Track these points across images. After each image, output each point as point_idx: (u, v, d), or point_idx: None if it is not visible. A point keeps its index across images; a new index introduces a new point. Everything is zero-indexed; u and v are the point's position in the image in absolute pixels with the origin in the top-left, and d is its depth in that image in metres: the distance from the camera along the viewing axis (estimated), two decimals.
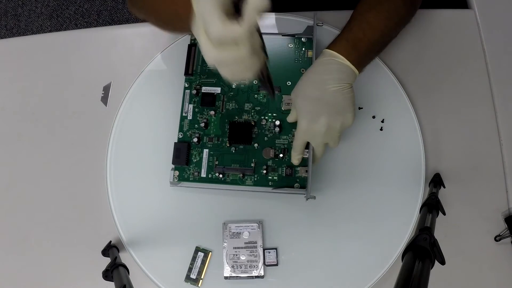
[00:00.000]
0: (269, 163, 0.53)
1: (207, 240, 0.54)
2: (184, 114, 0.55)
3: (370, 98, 0.57)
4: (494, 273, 0.52)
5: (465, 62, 0.59)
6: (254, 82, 0.56)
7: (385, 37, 0.50)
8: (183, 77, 0.57)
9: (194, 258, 0.53)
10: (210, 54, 0.33)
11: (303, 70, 0.55)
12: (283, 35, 0.57)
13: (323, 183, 0.54)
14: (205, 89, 0.56)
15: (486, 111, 0.57)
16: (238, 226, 0.53)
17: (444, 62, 0.59)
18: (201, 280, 0.52)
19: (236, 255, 0.52)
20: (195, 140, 0.54)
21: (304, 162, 0.52)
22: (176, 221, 0.55)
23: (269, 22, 0.60)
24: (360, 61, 0.47)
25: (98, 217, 0.56)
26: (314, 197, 0.50)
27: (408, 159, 0.55)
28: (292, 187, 0.52)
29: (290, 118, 0.52)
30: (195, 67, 0.57)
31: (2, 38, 1.40)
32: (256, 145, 0.53)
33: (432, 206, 0.44)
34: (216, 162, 0.53)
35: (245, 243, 0.52)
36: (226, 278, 0.52)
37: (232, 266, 0.52)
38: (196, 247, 0.53)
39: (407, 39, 0.60)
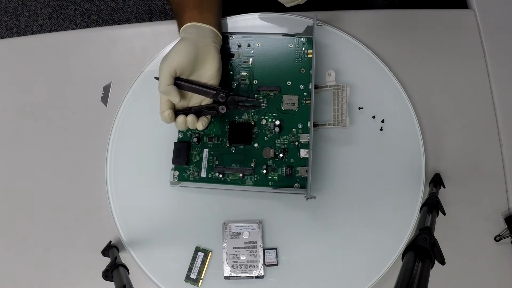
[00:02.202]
0: (269, 163, 0.53)
1: (207, 240, 0.54)
2: None
3: (370, 98, 0.57)
4: (494, 273, 0.52)
5: (465, 62, 0.59)
6: (254, 82, 0.56)
7: None
8: None
9: (194, 258, 0.53)
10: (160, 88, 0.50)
11: (303, 70, 0.55)
12: (283, 35, 0.57)
13: (323, 183, 0.54)
14: None
15: (486, 111, 0.57)
16: (238, 226, 0.53)
17: (444, 62, 0.59)
18: (201, 280, 0.52)
19: (236, 255, 0.52)
20: (195, 140, 0.54)
21: (304, 162, 0.52)
22: (176, 221, 0.55)
23: (269, 22, 0.60)
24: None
25: (98, 217, 0.56)
26: (314, 197, 0.50)
27: (408, 159, 0.55)
28: (292, 187, 0.52)
29: None
30: None
31: (2, 38, 1.40)
32: (256, 145, 0.53)
33: (432, 206, 0.44)
34: (216, 162, 0.53)
35: (245, 243, 0.52)
36: (226, 278, 0.52)
37: (232, 266, 0.52)
38: (196, 247, 0.53)
39: (407, 39, 0.60)
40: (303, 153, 0.52)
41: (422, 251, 0.35)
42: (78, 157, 0.59)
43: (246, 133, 0.53)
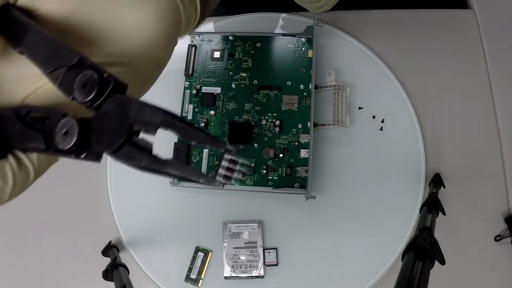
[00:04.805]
0: (269, 163, 0.53)
1: (207, 240, 0.54)
2: (184, 114, 0.55)
3: (370, 98, 0.57)
4: (494, 273, 0.52)
5: (465, 62, 0.59)
6: (254, 82, 0.55)
7: None
8: (183, 77, 0.57)
9: (194, 258, 0.53)
10: None
11: (303, 70, 0.55)
12: (283, 35, 0.57)
13: (323, 183, 0.54)
14: (205, 89, 0.56)
15: (486, 111, 0.57)
16: (238, 226, 0.53)
17: (444, 62, 0.59)
18: (201, 280, 0.52)
19: (236, 255, 0.52)
20: None
21: (304, 162, 0.52)
22: (176, 221, 0.55)
23: (269, 22, 0.60)
24: None
25: (98, 217, 0.56)
26: (314, 197, 0.50)
27: (408, 159, 0.55)
28: (292, 187, 0.52)
29: None
30: (195, 67, 0.57)
31: None
32: (256, 145, 0.53)
33: (432, 206, 0.44)
34: (216, 162, 0.53)
35: (245, 243, 0.52)
36: (226, 278, 0.52)
37: (232, 266, 0.52)
38: (196, 247, 0.53)
39: (407, 39, 0.60)
40: (303, 153, 0.52)
41: (422, 251, 0.35)
42: None
43: (246, 133, 0.53)
